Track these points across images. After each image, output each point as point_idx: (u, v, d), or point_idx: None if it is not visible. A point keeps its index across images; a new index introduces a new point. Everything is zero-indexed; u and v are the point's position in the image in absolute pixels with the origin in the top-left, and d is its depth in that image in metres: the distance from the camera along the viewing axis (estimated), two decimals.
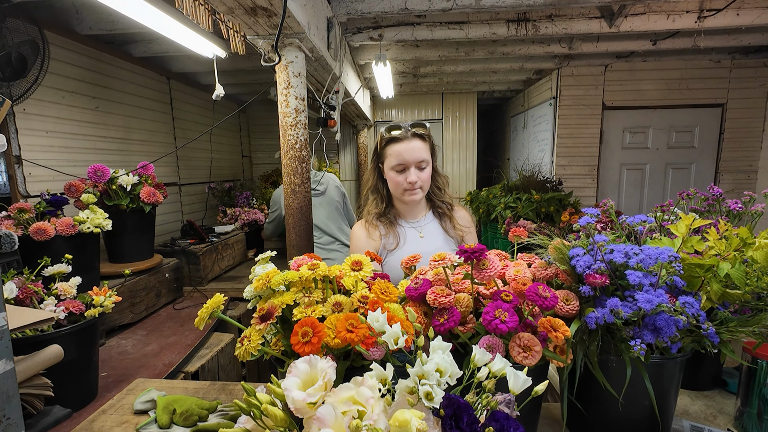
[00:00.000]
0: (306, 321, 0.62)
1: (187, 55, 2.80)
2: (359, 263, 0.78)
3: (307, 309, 0.67)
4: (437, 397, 0.48)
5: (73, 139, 2.35)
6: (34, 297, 1.17)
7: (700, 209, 1.40)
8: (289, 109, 1.86)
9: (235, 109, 4.28)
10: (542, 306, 0.72)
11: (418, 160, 1.28)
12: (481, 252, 0.77)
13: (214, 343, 1.81)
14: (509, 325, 0.66)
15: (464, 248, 0.77)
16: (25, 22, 1.84)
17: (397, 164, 1.29)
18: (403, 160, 1.28)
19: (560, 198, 3.13)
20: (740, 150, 3.84)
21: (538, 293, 0.72)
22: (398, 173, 1.30)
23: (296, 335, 0.60)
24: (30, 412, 0.96)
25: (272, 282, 0.71)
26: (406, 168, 1.29)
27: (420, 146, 1.29)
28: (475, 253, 0.76)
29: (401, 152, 1.28)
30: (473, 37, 2.75)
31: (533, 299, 0.71)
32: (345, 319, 0.60)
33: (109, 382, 1.38)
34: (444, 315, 0.74)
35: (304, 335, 0.60)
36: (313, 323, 0.61)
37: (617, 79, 3.82)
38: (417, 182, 1.29)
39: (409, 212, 1.41)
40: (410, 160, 1.27)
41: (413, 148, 1.28)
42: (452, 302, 0.75)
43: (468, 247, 0.77)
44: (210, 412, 0.98)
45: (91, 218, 1.66)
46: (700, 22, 2.61)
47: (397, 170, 1.30)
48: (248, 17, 1.56)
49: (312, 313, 0.66)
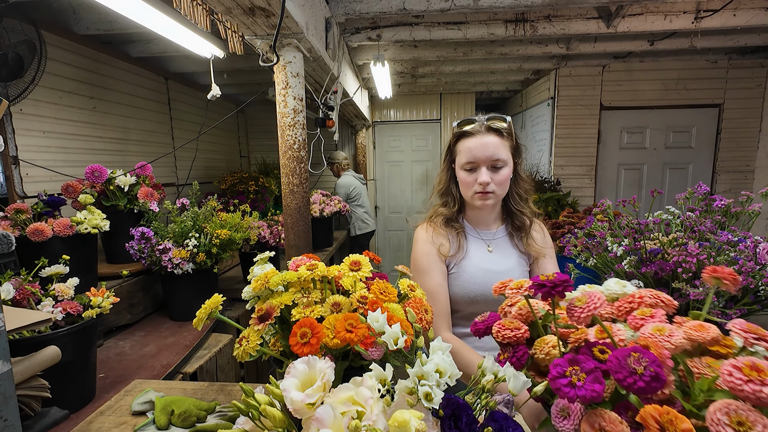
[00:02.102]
0: (305, 321, 0.62)
1: (185, 56, 2.80)
2: (358, 263, 0.77)
3: (305, 309, 0.67)
4: (437, 397, 0.47)
5: (71, 139, 2.34)
6: (32, 298, 1.16)
7: (696, 209, 1.40)
8: (288, 109, 1.86)
9: (233, 109, 4.28)
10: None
11: (491, 158, 1.10)
12: (564, 285, 0.56)
13: (212, 344, 1.81)
14: (582, 393, 0.47)
15: (540, 280, 0.58)
16: (22, 22, 1.83)
17: (467, 162, 1.13)
18: (474, 158, 1.12)
19: (558, 198, 3.14)
20: (737, 150, 3.86)
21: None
22: (468, 173, 1.14)
23: (295, 336, 0.60)
24: (27, 414, 0.95)
25: (271, 282, 0.71)
26: (477, 167, 1.12)
27: (495, 142, 1.11)
28: (557, 286, 0.56)
29: (471, 149, 1.12)
30: (471, 37, 2.75)
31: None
32: (344, 319, 0.60)
33: (107, 383, 1.37)
34: (507, 351, 0.61)
35: (302, 336, 0.60)
36: (311, 324, 0.61)
37: (615, 79, 3.83)
38: (489, 184, 1.11)
39: (480, 220, 1.23)
40: (481, 157, 1.11)
41: (486, 143, 1.11)
42: (519, 338, 0.62)
43: (545, 279, 0.58)
44: (208, 412, 0.98)
45: (88, 219, 1.66)
46: (696, 23, 2.62)
47: (466, 169, 1.14)
48: (246, 17, 1.55)
49: (311, 313, 0.66)
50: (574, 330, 0.61)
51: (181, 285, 1.86)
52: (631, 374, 0.46)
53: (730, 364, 0.45)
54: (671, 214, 1.43)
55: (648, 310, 0.57)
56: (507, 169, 1.13)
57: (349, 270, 0.76)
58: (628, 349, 0.48)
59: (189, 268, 1.78)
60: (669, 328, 0.52)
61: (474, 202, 1.16)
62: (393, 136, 5.32)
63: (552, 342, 0.60)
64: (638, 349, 0.48)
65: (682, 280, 1.19)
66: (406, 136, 5.30)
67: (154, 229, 1.85)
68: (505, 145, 1.12)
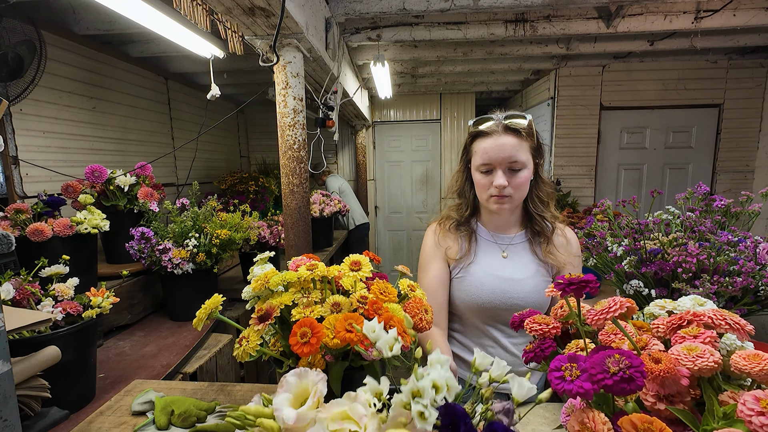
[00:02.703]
0: (305, 321, 0.62)
1: (185, 56, 2.80)
2: (358, 263, 0.77)
3: (305, 309, 0.67)
4: (430, 418, 0.43)
5: (71, 139, 2.34)
6: (31, 298, 1.16)
7: (696, 209, 1.40)
8: (288, 109, 1.86)
9: (233, 109, 4.28)
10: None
11: (509, 159, 1.03)
12: (588, 284, 0.55)
13: (212, 344, 1.81)
14: (569, 387, 0.48)
15: (564, 278, 0.58)
16: (22, 22, 1.83)
17: (483, 163, 1.06)
18: (489, 159, 1.04)
19: (558, 198, 3.15)
20: (737, 150, 3.86)
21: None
22: (484, 174, 1.07)
23: (295, 335, 0.60)
24: (27, 414, 0.95)
25: (271, 282, 0.71)
26: (493, 169, 1.05)
27: (513, 143, 1.03)
28: (578, 285, 0.55)
29: (487, 149, 1.05)
30: (471, 37, 2.75)
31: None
32: (344, 318, 0.60)
33: (106, 383, 1.37)
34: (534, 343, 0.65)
35: (302, 335, 0.60)
36: (311, 323, 0.61)
37: (615, 79, 3.83)
38: (505, 187, 1.04)
39: (497, 224, 1.17)
40: (498, 159, 1.03)
41: (503, 144, 1.03)
42: (546, 332, 0.64)
43: (569, 277, 0.57)
44: (208, 413, 0.98)
45: (88, 219, 1.66)
46: (696, 23, 2.62)
47: (482, 170, 1.08)
48: (246, 17, 1.55)
49: (311, 313, 0.66)
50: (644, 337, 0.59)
51: (181, 285, 1.86)
52: (603, 372, 0.48)
53: (752, 394, 0.44)
54: (671, 215, 1.43)
55: (696, 329, 0.55)
56: (526, 171, 1.05)
57: (349, 270, 0.76)
58: (614, 351, 0.50)
59: (189, 268, 1.78)
60: (703, 349, 0.51)
61: (489, 205, 1.10)
62: (393, 136, 5.32)
63: (580, 345, 0.59)
64: (626, 353, 0.49)
65: (682, 280, 1.19)
66: (406, 136, 5.30)
67: (154, 229, 1.85)
68: (524, 146, 1.05)
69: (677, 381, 0.50)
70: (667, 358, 0.50)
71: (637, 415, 0.47)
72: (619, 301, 0.56)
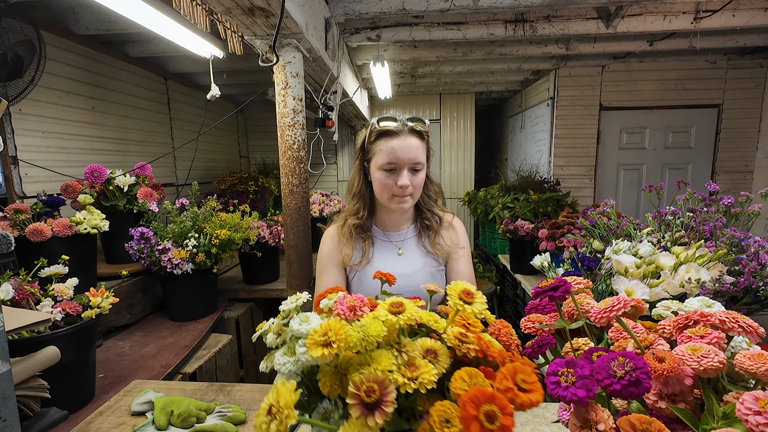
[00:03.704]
0: (478, 394, 0.41)
1: (185, 56, 2.80)
2: (470, 294, 0.55)
3: (404, 372, 0.45)
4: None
5: (70, 139, 2.34)
6: (31, 298, 1.16)
7: (696, 209, 1.40)
8: (287, 109, 1.86)
9: (232, 109, 4.27)
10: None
11: (413, 160, 1.07)
12: (560, 289, 0.55)
13: (211, 344, 1.80)
14: (563, 393, 0.47)
15: (540, 287, 0.57)
16: (21, 22, 1.83)
17: (388, 162, 1.07)
18: (396, 159, 1.06)
19: (558, 198, 3.15)
20: (736, 150, 3.86)
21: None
22: (387, 174, 1.09)
23: (471, 420, 0.40)
24: (26, 414, 0.95)
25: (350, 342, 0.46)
26: (398, 169, 1.08)
27: (417, 145, 1.08)
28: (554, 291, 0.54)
29: (395, 149, 1.06)
30: (471, 37, 2.75)
31: None
32: (511, 373, 0.45)
33: (106, 383, 1.37)
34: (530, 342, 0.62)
35: (489, 418, 0.40)
36: (493, 398, 0.41)
37: (614, 79, 3.84)
38: (408, 187, 1.08)
39: (392, 223, 1.21)
40: (404, 159, 1.06)
41: (409, 146, 1.07)
42: (539, 331, 0.63)
43: (545, 285, 0.57)
44: (208, 413, 0.98)
45: (87, 219, 1.66)
46: (696, 23, 2.62)
47: (386, 169, 1.09)
48: (246, 17, 1.55)
49: (422, 376, 0.45)
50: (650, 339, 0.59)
51: (180, 285, 1.86)
52: (610, 376, 0.47)
53: (752, 394, 0.44)
54: (672, 215, 1.43)
55: (703, 329, 0.55)
56: (423, 172, 1.13)
57: (462, 303, 0.53)
58: (617, 354, 0.49)
59: (188, 269, 1.78)
60: (708, 349, 0.50)
61: (391, 204, 1.13)
62: None
63: (576, 343, 0.60)
64: (628, 354, 0.48)
65: None
66: None
67: (154, 230, 1.85)
68: (423, 148, 1.11)
69: (680, 380, 0.50)
70: (671, 358, 0.50)
71: (635, 415, 0.46)
72: (623, 300, 0.56)
